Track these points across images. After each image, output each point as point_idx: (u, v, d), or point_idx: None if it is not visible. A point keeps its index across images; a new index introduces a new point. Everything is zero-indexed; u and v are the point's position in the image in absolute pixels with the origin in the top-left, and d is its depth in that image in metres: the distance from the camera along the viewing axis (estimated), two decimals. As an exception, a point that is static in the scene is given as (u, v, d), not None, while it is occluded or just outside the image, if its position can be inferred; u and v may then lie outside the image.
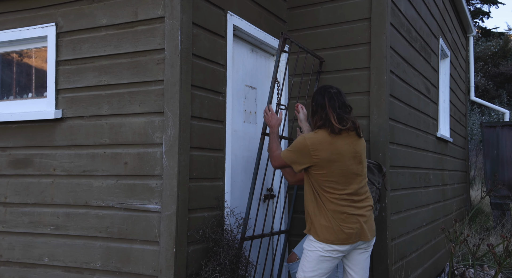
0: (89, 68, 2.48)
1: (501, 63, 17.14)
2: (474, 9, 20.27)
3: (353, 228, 2.14)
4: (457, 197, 6.02)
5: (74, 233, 2.43)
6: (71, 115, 2.51)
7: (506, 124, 7.06)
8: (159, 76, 2.29)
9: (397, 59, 3.25)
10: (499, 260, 1.93)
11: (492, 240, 5.34)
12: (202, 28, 2.43)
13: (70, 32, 2.53)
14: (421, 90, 4.00)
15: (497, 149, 7.07)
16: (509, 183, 6.91)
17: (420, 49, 3.93)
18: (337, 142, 2.18)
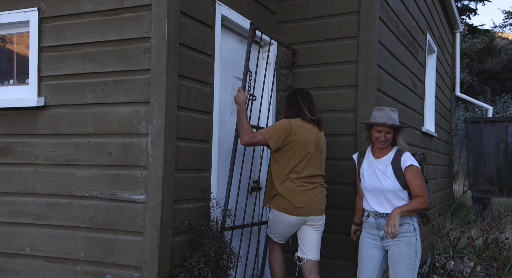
0: (73, 56, 2.42)
1: (486, 60, 17.43)
2: (462, 5, 20.48)
3: (304, 202, 2.57)
4: (440, 191, 6.14)
5: (57, 223, 2.39)
6: (54, 103, 2.46)
7: (489, 120, 7.21)
8: (145, 65, 2.25)
9: (385, 53, 3.26)
10: (478, 252, 1.98)
11: (473, 233, 5.47)
12: (190, 17, 2.39)
13: (53, 17, 2.47)
14: (408, 85, 4.04)
15: (480, 144, 7.22)
16: (490, 177, 7.08)
17: (407, 44, 3.95)
18: (309, 131, 2.64)
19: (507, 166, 6.99)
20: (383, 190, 2.41)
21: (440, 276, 3.90)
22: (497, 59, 17.26)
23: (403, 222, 2.37)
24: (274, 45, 3.32)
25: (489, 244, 1.93)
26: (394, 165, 2.42)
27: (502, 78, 17.09)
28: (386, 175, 2.41)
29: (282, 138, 2.56)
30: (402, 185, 2.38)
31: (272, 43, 3.30)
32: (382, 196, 2.43)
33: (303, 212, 2.57)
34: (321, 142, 2.71)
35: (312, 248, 2.66)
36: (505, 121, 7.09)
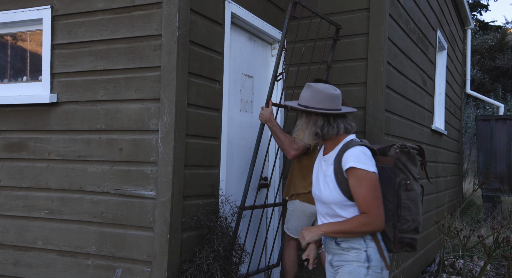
0: (85, 53, 2.45)
1: (498, 57, 17.16)
2: (473, 1, 20.18)
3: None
4: (449, 189, 6.09)
5: (69, 218, 2.44)
6: (66, 100, 2.50)
7: (500, 118, 7.12)
8: (155, 62, 2.27)
9: (394, 50, 3.24)
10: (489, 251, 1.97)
11: (483, 231, 5.43)
12: (200, 15, 2.40)
13: (65, 15, 2.50)
14: (417, 82, 4.01)
15: (490, 142, 7.14)
16: (501, 176, 7.00)
17: (417, 41, 3.92)
18: None
19: (518, 164, 6.90)
20: (324, 201, 1.73)
21: (449, 274, 3.88)
22: (509, 56, 16.99)
23: (351, 247, 1.68)
24: (283, 42, 3.32)
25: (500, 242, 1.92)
26: (335, 165, 1.69)
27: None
28: (326, 180, 1.72)
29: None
30: (347, 196, 1.66)
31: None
32: (327, 208, 1.74)
33: None
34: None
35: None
36: (516, 119, 6.99)
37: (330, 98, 1.69)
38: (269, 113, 2.57)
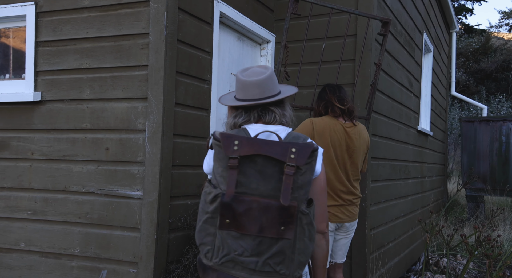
0: (70, 51, 2.41)
1: (482, 60, 17.53)
2: (458, 5, 20.55)
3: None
4: (434, 189, 6.19)
5: (52, 218, 2.39)
6: (51, 98, 2.45)
7: (483, 120, 7.27)
8: (143, 61, 2.25)
9: (382, 52, 3.27)
10: (471, 249, 2.01)
11: (466, 231, 5.54)
12: (188, 14, 2.38)
13: (50, 12, 2.45)
14: (404, 84, 4.06)
15: (474, 143, 7.28)
16: (484, 176, 7.15)
17: (404, 43, 3.97)
18: (335, 131, 2.35)
19: (501, 165, 7.06)
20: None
21: (434, 273, 3.94)
22: (493, 59, 17.37)
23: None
24: (272, 42, 3.32)
25: (481, 241, 1.96)
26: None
27: (497, 78, 17.20)
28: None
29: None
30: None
31: (269, 40, 3.30)
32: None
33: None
34: (353, 142, 2.38)
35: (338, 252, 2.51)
36: (499, 121, 7.15)
37: (243, 87, 1.46)
38: None
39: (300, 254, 1.25)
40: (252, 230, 1.23)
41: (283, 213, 1.22)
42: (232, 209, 1.24)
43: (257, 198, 1.23)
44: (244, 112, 1.46)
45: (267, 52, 3.33)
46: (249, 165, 1.25)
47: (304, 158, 1.23)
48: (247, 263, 1.24)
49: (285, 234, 1.22)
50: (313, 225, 1.27)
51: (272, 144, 1.26)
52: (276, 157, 1.24)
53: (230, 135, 1.29)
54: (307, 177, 1.27)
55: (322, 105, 2.42)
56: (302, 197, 1.25)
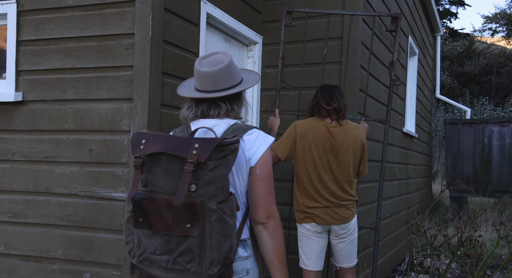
0: (53, 50, 2.37)
1: (466, 63, 17.89)
2: (443, 9, 20.93)
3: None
4: (419, 190, 6.28)
5: (34, 221, 2.34)
6: (33, 98, 2.40)
7: (467, 122, 7.41)
8: (128, 61, 2.22)
9: (367, 55, 3.31)
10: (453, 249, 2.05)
11: (450, 231, 5.63)
12: (174, 14, 2.37)
13: (32, 11, 2.40)
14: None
15: (458, 145, 7.42)
16: (467, 177, 7.28)
17: (390, 46, 4.02)
18: (319, 131, 2.40)
19: (483, 166, 7.20)
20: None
21: (418, 273, 3.99)
22: (476, 63, 17.74)
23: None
24: (259, 44, 3.33)
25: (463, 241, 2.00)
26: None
27: (481, 81, 17.57)
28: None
29: (288, 145, 2.40)
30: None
31: (257, 42, 3.30)
32: None
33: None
34: (337, 142, 2.38)
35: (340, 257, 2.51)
36: (481, 123, 7.30)
37: (197, 77, 1.45)
38: (273, 122, 2.62)
39: (212, 251, 1.21)
40: (160, 228, 1.23)
41: (187, 210, 1.19)
42: (143, 207, 1.24)
43: (164, 196, 1.22)
44: (195, 105, 1.45)
45: (254, 54, 3.33)
46: (156, 163, 1.25)
47: (206, 153, 1.19)
48: (159, 262, 1.24)
49: (191, 232, 1.20)
50: (225, 221, 1.21)
51: (177, 140, 1.24)
52: (177, 154, 1.21)
53: (140, 134, 1.30)
54: (219, 172, 1.22)
55: (311, 106, 2.49)
56: (211, 193, 1.21)
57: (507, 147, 7.05)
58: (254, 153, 1.36)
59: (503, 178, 6.97)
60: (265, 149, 1.38)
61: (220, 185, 1.22)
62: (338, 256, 2.49)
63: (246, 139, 1.37)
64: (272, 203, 1.38)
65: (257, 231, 1.38)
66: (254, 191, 1.37)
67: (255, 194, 1.37)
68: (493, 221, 6.08)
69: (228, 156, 1.24)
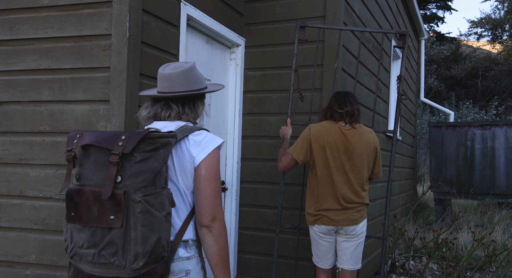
0: (28, 51, 2.32)
1: (453, 66, 18.15)
2: (430, 13, 21.24)
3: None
4: (403, 192, 6.34)
5: (6, 225, 2.29)
6: (7, 99, 2.35)
7: (450, 125, 7.52)
8: (105, 63, 2.19)
9: (349, 58, 3.33)
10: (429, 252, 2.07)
11: (431, 233, 5.69)
12: (154, 16, 2.35)
13: (7, 10, 2.35)
14: (372, 89, 4.14)
15: (442, 148, 7.52)
16: (451, 180, 7.38)
17: (372, 49, 4.05)
18: (332, 133, 2.47)
19: (466, 169, 7.31)
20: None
21: (399, 275, 4.02)
22: (463, 66, 18.02)
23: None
24: (242, 46, 3.32)
25: (439, 243, 2.02)
26: None
27: (467, 85, 17.86)
28: None
29: (304, 148, 2.46)
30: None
31: (239, 44, 3.30)
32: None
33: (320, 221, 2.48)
34: (351, 144, 2.44)
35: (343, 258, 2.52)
36: (465, 126, 7.41)
37: (158, 79, 1.50)
38: (286, 131, 2.71)
39: (136, 244, 1.19)
40: (87, 221, 1.23)
41: (111, 201, 1.19)
42: (74, 201, 1.24)
43: (93, 188, 1.23)
44: (150, 105, 1.50)
45: (236, 56, 3.32)
46: (87, 156, 1.27)
47: (131, 144, 1.20)
48: (86, 256, 1.24)
49: (114, 223, 1.19)
50: (152, 214, 1.20)
51: (107, 134, 1.27)
52: (104, 145, 1.23)
53: (76, 131, 1.34)
54: (148, 165, 1.22)
55: (324, 110, 2.59)
56: (137, 185, 1.20)
57: (489, 150, 7.17)
58: (199, 153, 1.37)
59: (485, 180, 7.09)
60: (211, 149, 1.38)
61: (148, 177, 1.22)
62: (342, 256, 2.50)
63: (192, 139, 1.39)
64: (217, 205, 1.37)
65: (201, 234, 1.37)
66: (199, 192, 1.37)
67: (200, 195, 1.37)
68: (475, 222, 6.17)
69: (160, 149, 1.25)
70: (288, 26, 3.22)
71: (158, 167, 1.24)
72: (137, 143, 1.21)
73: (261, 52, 3.31)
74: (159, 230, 1.22)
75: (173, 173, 1.37)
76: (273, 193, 3.24)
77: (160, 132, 1.28)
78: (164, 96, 1.45)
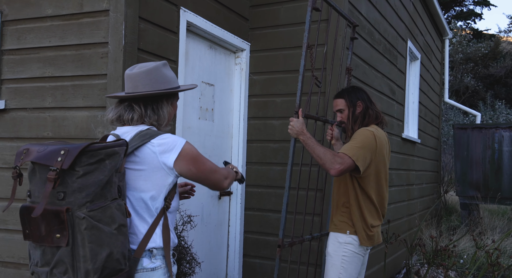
0: (33, 59, 2.42)
1: (491, 64, 17.34)
2: (467, 10, 20.44)
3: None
4: (425, 196, 6.13)
5: (13, 228, 2.39)
6: (15, 106, 2.46)
7: (476, 127, 7.21)
8: (102, 70, 2.25)
9: (355, 61, 3.26)
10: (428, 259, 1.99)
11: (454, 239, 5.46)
12: (151, 23, 2.39)
13: (15, 21, 2.46)
14: (384, 92, 4.03)
15: (467, 150, 7.22)
16: (477, 183, 7.08)
17: (384, 51, 3.95)
18: (386, 143, 2.17)
19: (493, 172, 6.98)
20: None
21: (413, 283, 3.89)
22: (502, 64, 17.19)
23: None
24: (247, 51, 3.32)
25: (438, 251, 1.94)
26: None
27: (507, 83, 17.04)
28: None
29: (368, 158, 2.03)
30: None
31: (244, 49, 3.30)
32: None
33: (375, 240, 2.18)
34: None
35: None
36: (492, 128, 7.09)
37: (126, 79, 1.47)
38: (301, 124, 2.11)
39: (85, 261, 1.16)
40: (37, 239, 1.21)
41: (54, 220, 1.16)
42: (25, 218, 1.23)
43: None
44: (115, 107, 1.48)
45: (241, 61, 3.32)
46: (33, 173, 1.26)
47: (70, 159, 1.16)
48: (41, 274, 1.23)
49: (60, 242, 1.17)
50: (99, 229, 1.18)
51: (48, 149, 1.23)
52: (43, 162, 1.20)
53: (24, 146, 1.31)
54: (92, 178, 1.19)
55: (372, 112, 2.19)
56: (81, 200, 1.17)
57: (517, 152, 6.82)
58: (170, 155, 1.37)
59: (514, 184, 6.74)
60: (181, 147, 1.38)
61: (93, 191, 1.19)
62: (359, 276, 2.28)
63: (157, 143, 1.37)
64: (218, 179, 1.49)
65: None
66: (198, 182, 1.48)
67: (201, 183, 1.48)
68: (501, 228, 5.88)
69: (105, 161, 1.22)
70: (292, 30, 3.19)
71: (104, 179, 1.21)
72: (76, 157, 1.18)
73: (265, 56, 3.30)
74: (109, 245, 1.20)
75: (136, 180, 1.36)
76: (277, 197, 3.21)
77: (103, 143, 1.24)
78: (126, 96, 1.42)
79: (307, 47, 2.20)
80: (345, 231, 2.12)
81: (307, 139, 2.08)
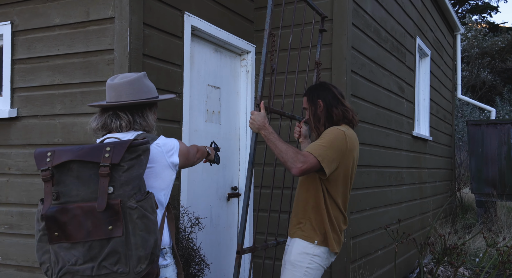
0: (43, 67, 2.48)
1: (509, 58, 16.91)
2: (482, 3, 20.03)
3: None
4: (438, 194, 6.04)
5: (27, 232, 2.45)
6: (26, 114, 2.52)
7: (491, 123, 7.07)
8: (109, 76, 2.29)
9: (361, 60, 3.24)
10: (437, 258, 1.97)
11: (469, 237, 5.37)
12: (156, 29, 2.42)
13: (25, 31, 2.53)
14: (392, 90, 4.00)
15: (482, 147, 7.08)
16: (493, 180, 6.93)
17: (391, 49, 3.91)
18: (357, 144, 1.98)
19: (510, 169, 6.84)
20: None
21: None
22: (520, 58, 16.72)
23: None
24: (252, 53, 3.34)
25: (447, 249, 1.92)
26: None
27: (526, 77, 16.58)
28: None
29: (336, 160, 1.85)
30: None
31: (249, 51, 3.31)
32: None
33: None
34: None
35: None
36: (507, 124, 6.94)
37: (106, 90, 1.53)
38: (262, 118, 1.94)
39: (137, 249, 1.24)
40: (80, 237, 1.24)
41: (107, 212, 1.23)
42: (57, 220, 1.25)
43: (80, 204, 1.25)
44: (99, 116, 1.54)
45: (247, 63, 3.34)
46: (67, 173, 1.28)
47: (119, 154, 1.24)
48: (83, 271, 1.26)
49: (114, 233, 1.23)
50: (148, 218, 1.26)
51: (87, 147, 1.29)
52: (89, 159, 1.26)
53: (43, 149, 1.34)
54: (134, 172, 1.28)
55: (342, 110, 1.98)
56: (129, 192, 1.26)
57: (534, 148, 6.66)
58: (172, 156, 1.49)
59: (531, 181, 6.59)
60: (178, 148, 1.55)
61: (137, 184, 1.28)
62: None
63: (163, 143, 1.49)
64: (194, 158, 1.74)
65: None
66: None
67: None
68: (518, 227, 5.74)
69: (141, 156, 1.31)
70: (297, 31, 3.19)
71: (142, 173, 1.30)
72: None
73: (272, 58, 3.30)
74: (155, 232, 1.29)
75: (147, 178, 1.43)
76: (285, 197, 3.21)
77: (140, 140, 1.33)
78: (112, 105, 1.47)
79: (268, 34, 2.12)
80: (313, 240, 1.90)
81: (268, 134, 1.90)
